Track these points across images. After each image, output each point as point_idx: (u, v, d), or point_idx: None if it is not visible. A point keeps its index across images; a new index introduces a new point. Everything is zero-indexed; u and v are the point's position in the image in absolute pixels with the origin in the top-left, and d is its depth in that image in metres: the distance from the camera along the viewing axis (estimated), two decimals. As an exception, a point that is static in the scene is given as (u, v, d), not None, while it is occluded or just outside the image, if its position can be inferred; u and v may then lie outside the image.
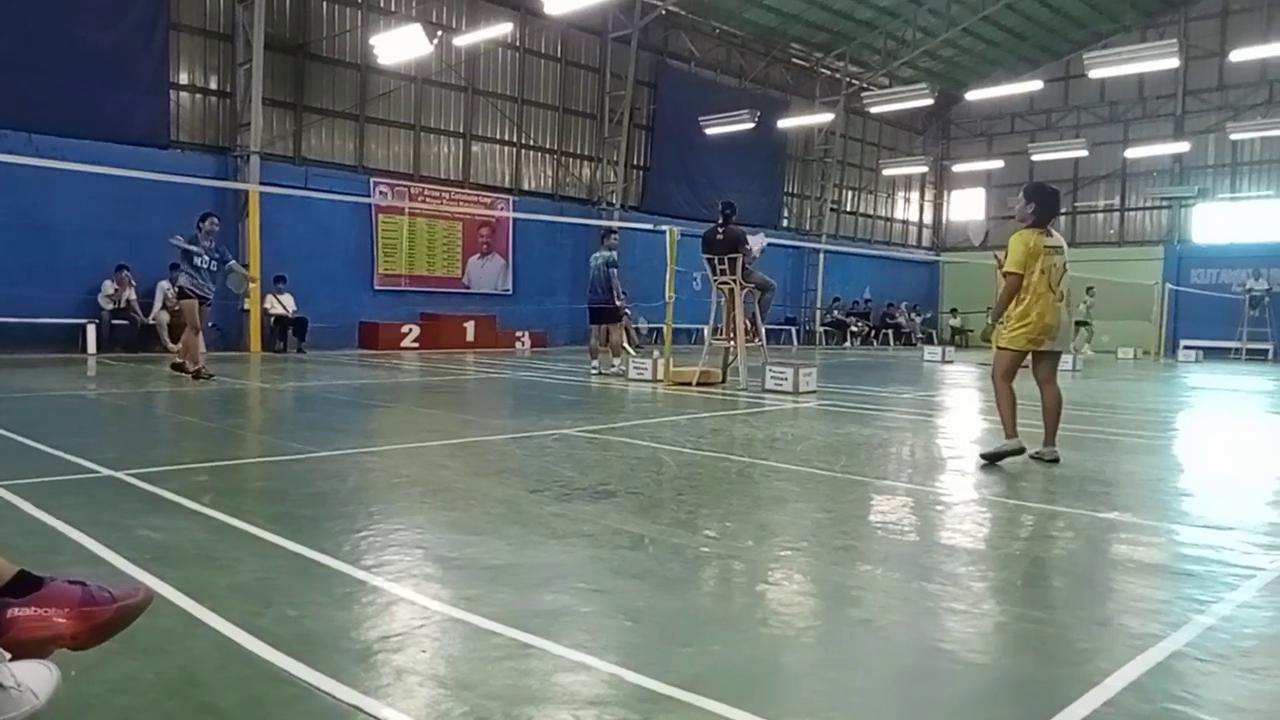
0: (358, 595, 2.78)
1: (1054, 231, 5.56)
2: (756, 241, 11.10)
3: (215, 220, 10.19)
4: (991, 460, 5.42)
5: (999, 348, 5.65)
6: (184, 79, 15.31)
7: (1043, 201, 5.53)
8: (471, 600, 2.72)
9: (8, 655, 1.50)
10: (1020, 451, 5.41)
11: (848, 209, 29.23)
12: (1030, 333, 5.43)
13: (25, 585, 1.70)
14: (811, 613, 2.84)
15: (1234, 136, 23.98)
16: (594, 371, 12.16)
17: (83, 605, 1.70)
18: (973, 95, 24.69)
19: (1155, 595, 3.02)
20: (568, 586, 2.89)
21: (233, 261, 10.41)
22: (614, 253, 12.37)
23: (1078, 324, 20.96)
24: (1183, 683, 2.26)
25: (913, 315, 29.11)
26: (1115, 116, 27.77)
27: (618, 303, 12.30)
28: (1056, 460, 5.51)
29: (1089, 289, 20.52)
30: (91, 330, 13.55)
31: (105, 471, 4.53)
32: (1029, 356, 5.62)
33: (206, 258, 9.83)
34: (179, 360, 10.01)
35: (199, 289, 9.84)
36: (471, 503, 4.14)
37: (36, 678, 1.56)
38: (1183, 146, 25.43)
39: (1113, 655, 2.41)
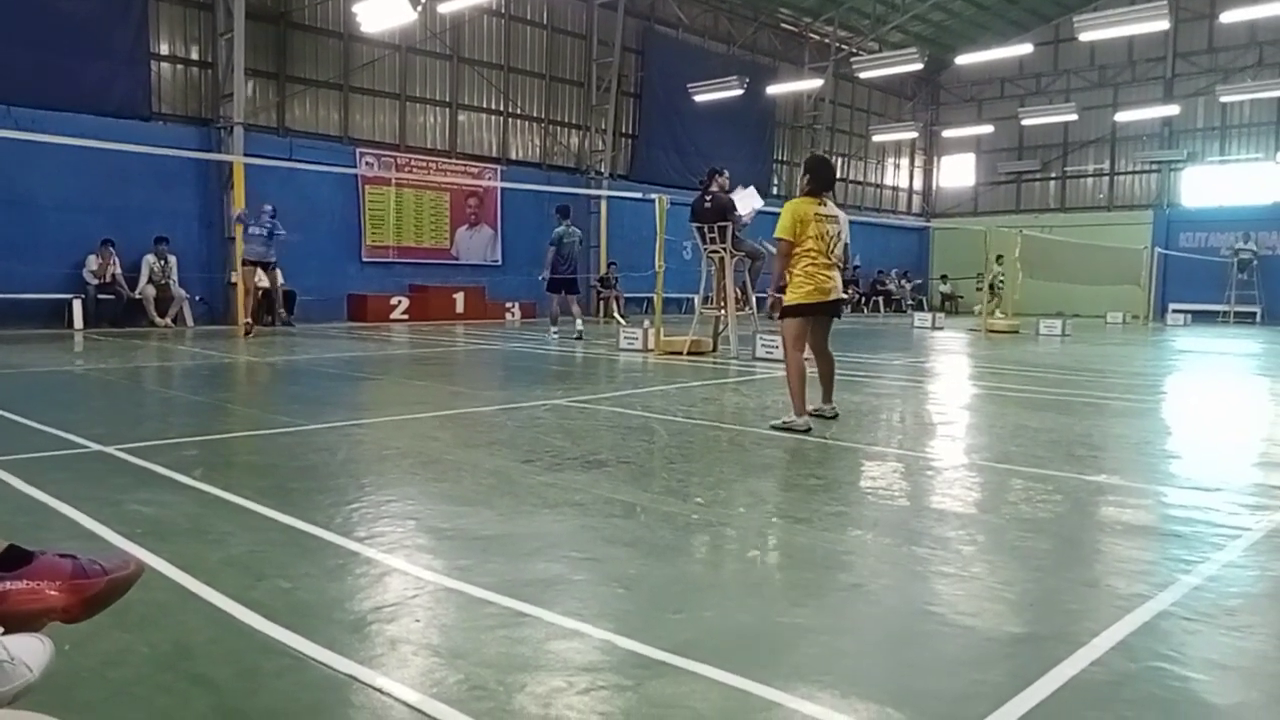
0: (350, 567, 2.79)
1: (829, 201, 5.63)
2: (749, 201, 11.02)
3: (268, 206, 12.94)
4: (781, 430, 5.35)
5: (784, 315, 5.58)
6: (164, 49, 15.05)
7: (816, 172, 5.63)
8: (464, 570, 2.73)
9: (0, 629, 1.50)
10: (807, 431, 5.29)
11: (838, 176, 29.08)
12: (811, 294, 5.44)
13: (15, 559, 1.69)
14: (802, 578, 2.86)
15: (1224, 99, 23.90)
16: (579, 336, 12.96)
17: (74, 578, 1.70)
18: (962, 60, 24.51)
19: (1142, 556, 3.06)
20: (560, 555, 2.90)
21: (283, 234, 13.03)
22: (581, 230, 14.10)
23: (991, 288, 20.83)
24: (1169, 642, 2.29)
25: (903, 282, 29.12)
26: (1105, 80, 27.65)
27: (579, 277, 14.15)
28: (836, 416, 5.75)
29: (998, 257, 20.44)
30: (77, 305, 13.43)
31: (94, 447, 4.51)
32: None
33: (258, 228, 12.57)
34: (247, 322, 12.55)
35: (251, 255, 12.59)
36: (463, 474, 4.14)
37: (30, 651, 1.56)
38: (1172, 110, 25.35)
39: (1100, 616, 2.44)
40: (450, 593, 2.56)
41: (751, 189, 11.50)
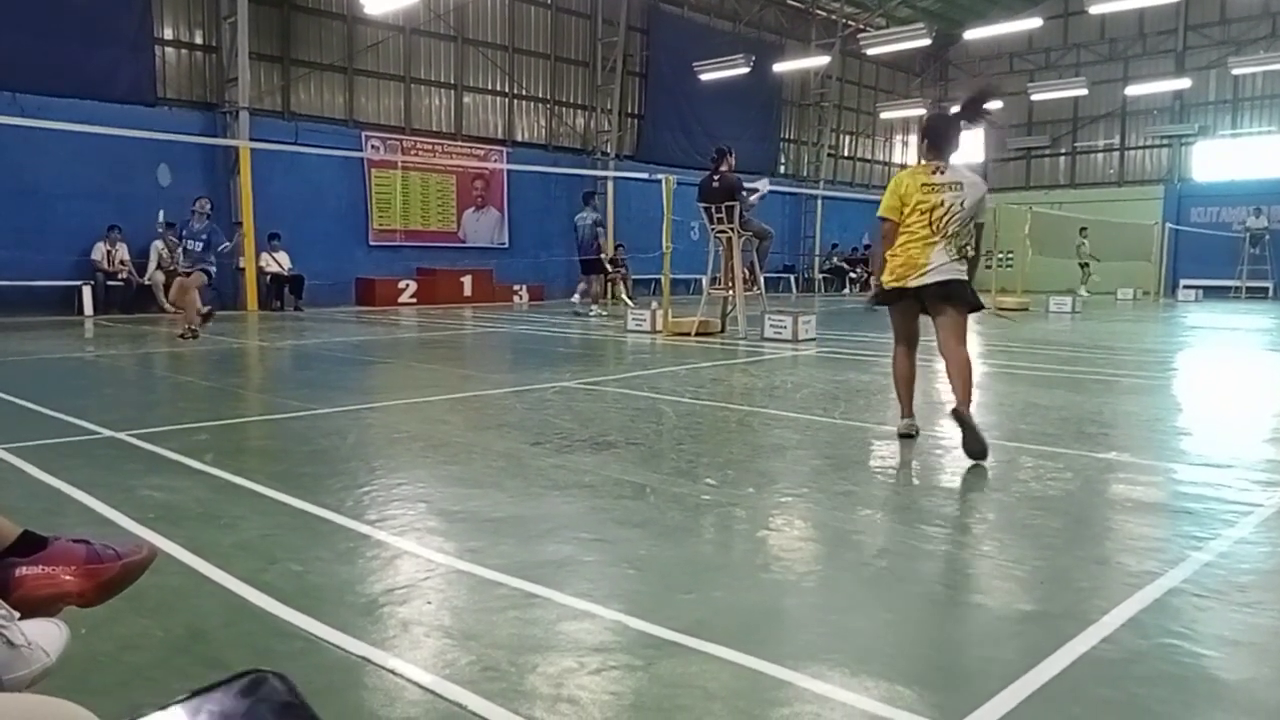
0: (362, 550, 2.80)
1: (946, 168, 4.48)
2: (760, 186, 11.10)
3: (205, 202, 10.32)
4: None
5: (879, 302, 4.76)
6: (169, 34, 15.01)
7: (927, 134, 4.68)
8: (475, 552, 2.74)
9: (17, 614, 1.51)
10: (909, 436, 4.62)
11: (845, 154, 28.93)
12: (896, 277, 4.49)
13: (30, 545, 1.71)
14: (812, 557, 2.86)
15: (1236, 72, 23.60)
16: (594, 313, 13.83)
17: (88, 563, 1.71)
18: (971, 34, 24.24)
19: (1153, 533, 3.05)
20: (570, 537, 2.91)
21: (225, 245, 10.45)
22: (599, 214, 14.78)
23: (1082, 266, 20.88)
24: (1179, 618, 2.28)
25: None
26: (1115, 54, 27.33)
27: (603, 258, 14.68)
28: (965, 426, 4.21)
29: (1082, 229, 20.26)
30: (87, 292, 13.48)
31: (106, 433, 4.54)
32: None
33: (192, 241, 10.01)
34: (186, 326, 10.09)
35: (185, 266, 10.12)
36: (473, 456, 4.15)
37: (46, 635, 1.57)
38: (1184, 83, 25.06)
39: (1110, 593, 2.44)
40: (461, 575, 2.57)
41: (765, 179, 11.72)
